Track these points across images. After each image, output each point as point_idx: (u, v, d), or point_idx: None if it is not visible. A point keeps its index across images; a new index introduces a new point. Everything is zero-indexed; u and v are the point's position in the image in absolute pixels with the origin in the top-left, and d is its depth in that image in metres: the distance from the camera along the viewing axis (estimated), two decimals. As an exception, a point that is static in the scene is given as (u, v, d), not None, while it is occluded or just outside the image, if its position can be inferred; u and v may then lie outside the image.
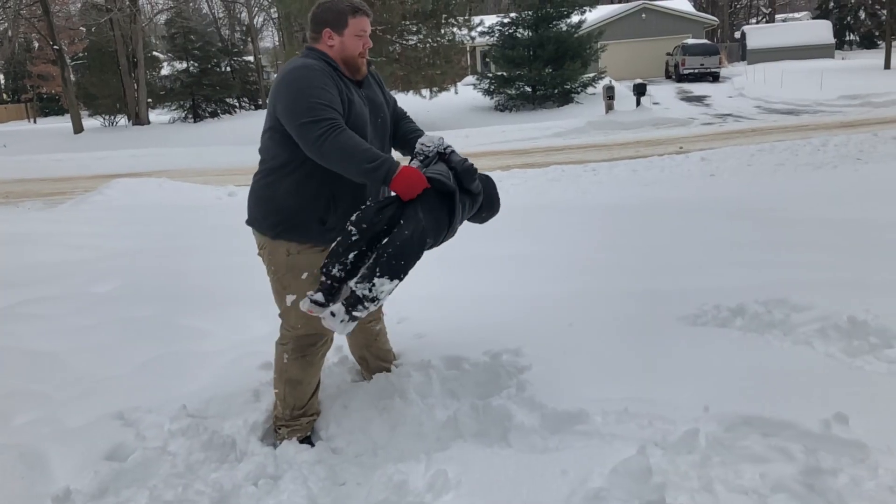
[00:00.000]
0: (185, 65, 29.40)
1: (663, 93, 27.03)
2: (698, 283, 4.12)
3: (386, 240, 2.36)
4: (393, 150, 2.84)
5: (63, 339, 3.80)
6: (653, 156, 11.90)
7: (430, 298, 3.93)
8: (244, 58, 33.58)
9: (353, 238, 2.39)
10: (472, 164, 2.55)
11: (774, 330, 3.32)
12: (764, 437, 2.38)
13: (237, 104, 31.42)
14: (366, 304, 2.34)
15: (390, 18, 19.93)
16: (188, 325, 3.98)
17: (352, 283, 2.36)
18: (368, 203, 2.47)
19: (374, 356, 3.09)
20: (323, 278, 2.41)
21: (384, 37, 19.73)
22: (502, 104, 24.63)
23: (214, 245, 6.04)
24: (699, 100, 24.73)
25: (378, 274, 2.31)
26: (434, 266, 4.95)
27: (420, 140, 2.60)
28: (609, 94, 20.38)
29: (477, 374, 3.06)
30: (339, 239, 2.43)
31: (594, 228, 6.27)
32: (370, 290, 2.32)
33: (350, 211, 2.49)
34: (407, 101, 21.73)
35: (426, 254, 2.40)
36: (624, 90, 24.30)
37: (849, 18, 51.05)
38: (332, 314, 2.38)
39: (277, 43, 44.57)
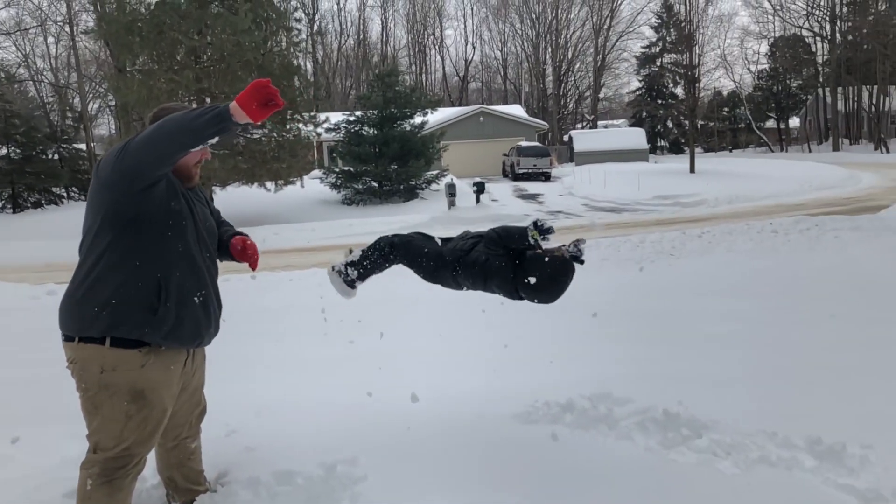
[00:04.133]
0: (4, 150, 27.20)
1: (501, 190, 28.62)
2: (530, 379, 4.27)
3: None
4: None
5: None
6: (492, 251, 12.39)
7: (263, 407, 3.76)
8: (75, 145, 31.61)
9: None
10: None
11: (600, 425, 3.49)
12: (589, 540, 2.45)
13: (65, 194, 29.33)
14: None
15: (234, 112, 19.80)
16: (-19, 449, 3.51)
17: None
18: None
19: (183, 477, 2.86)
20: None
21: (228, 130, 19.50)
22: (349, 198, 24.92)
23: (23, 353, 5.46)
24: (533, 197, 26.39)
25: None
26: (266, 372, 4.81)
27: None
28: (451, 191, 21.31)
29: (310, 488, 2.93)
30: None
31: (434, 323, 6.36)
32: None
33: (181, 300, 2.41)
34: (251, 194, 21.47)
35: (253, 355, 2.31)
36: (465, 187, 25.47)
37: (659, 127, 57.84)
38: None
39: (114, 131, 42.65)
